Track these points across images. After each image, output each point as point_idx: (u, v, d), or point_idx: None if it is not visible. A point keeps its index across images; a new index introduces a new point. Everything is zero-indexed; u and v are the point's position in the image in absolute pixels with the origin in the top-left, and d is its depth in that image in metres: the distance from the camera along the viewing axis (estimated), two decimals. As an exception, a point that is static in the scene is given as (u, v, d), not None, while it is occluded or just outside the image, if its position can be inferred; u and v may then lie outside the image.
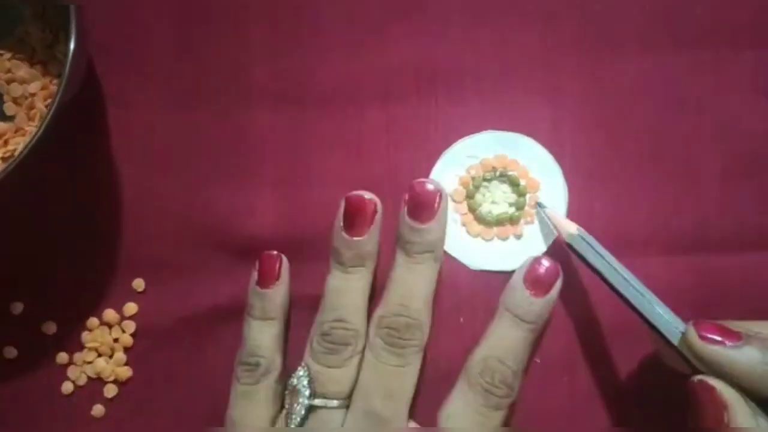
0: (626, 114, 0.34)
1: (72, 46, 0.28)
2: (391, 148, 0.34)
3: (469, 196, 0.33)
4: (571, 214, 0.33)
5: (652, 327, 0.29)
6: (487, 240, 0.33)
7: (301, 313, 0.33)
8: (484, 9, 0.34)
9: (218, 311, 0.34)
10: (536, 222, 0.33)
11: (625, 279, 0.29)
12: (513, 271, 0.32)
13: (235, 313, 0.33)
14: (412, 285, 0.29)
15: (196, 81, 0.35)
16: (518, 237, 0.33)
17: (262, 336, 0.31)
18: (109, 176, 0.35)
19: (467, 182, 0.33)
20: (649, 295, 0.29)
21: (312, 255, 0.33)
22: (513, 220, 0.33)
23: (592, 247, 0.30)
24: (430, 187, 0.29)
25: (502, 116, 0.34)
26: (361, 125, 0.34)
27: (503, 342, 0.29)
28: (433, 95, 0.34)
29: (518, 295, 0.29)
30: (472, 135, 0.33)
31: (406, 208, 0.30)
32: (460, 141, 0.33)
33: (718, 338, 0.27)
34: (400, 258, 0.30)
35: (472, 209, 0.33)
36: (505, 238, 0.33)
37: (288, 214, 0.34)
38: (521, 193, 0.33)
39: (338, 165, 0.34)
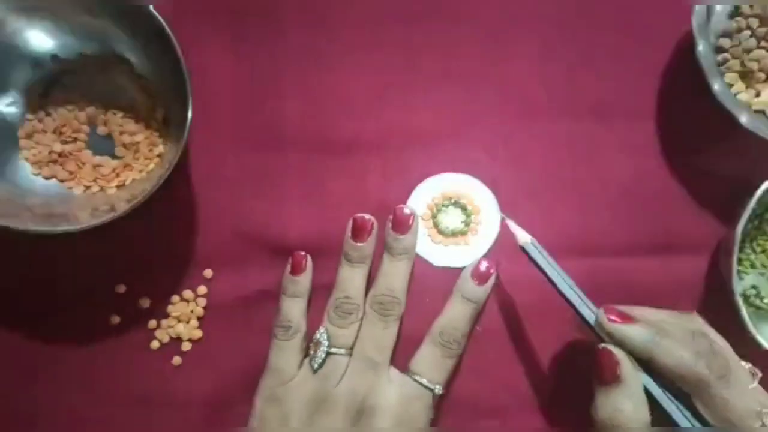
0: (542, 163, 0.42)
1: (189, 114, 0.35)
2: (384, 183, 0.42)
3: (434, 216, 0.44)
4: (502, 228, 0.42)
5: (578, 313, 0.34)
6: (446, 246, 0.44)
7: (319, 294, 0.41)
8: (443, 81, 0.42)
9: (262, 293, 0.42)
10: (478, 234, 0.44)
11: (561, 277, 0.34)
12: (463, 268, 0.43)
13: (274, 294, 0.41)
14: (394, 275, 0.39)
15: (251, 129, 0.41)
16: (467, 244, 0.44)
17: (293, 308, 0.40)
18: (188, 197, 0.41)
19: (432, 207, 0.44)
20: (577, 289, 0.34)
21: (327, 254, 0.41)
22: (463, 233, 0.44)
23: (540, 252, 0.35)
24: (406, 210, 0.40)
25: (458, 163, 0.42)
26: (365, 166, 0.42)
27: (456, 315, 0.39)
28: (415, 147, 0.42)
29: (467, 284, 0.40)
30: (436, 175, 0.43)
31: (390, 224, 0.40)
32: (428, 179, 0.44)
33: (618, 319, 0.32)
34: (386, 257, 0.40)
35: (435, 225, 0.44)
36: (457, 245, 0.44)
37: (310, 226, 0.41)
38: (468, 215, 0.44)
39: (347, 193, 0.41)
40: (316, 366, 0.37)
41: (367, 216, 0.39)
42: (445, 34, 0.43)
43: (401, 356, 0.39)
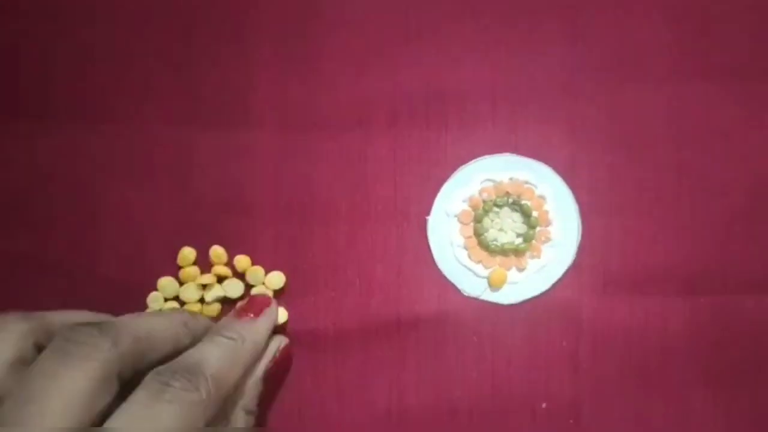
0: (649, 146, 0.31)
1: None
2: (397, 174, 0.31)
3: (477, 220, 0.30)
4: (584, 250, 0.30)
5: None
6: (488, 268, 0.30)
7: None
8: (500, 30, 0.31)
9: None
10: (542, 258, 0.30)
11: None
12: (508, 306, 0.30)
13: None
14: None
15: (195, 99, 0.32)
16: (522, 268, 0.30)
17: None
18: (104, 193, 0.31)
19: (477, 204, 0.30)
20: None
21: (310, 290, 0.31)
22: (518, 252, 0.30)
23: None
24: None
25: (517, 143, 0.31)
26: (367, 149, 0.31)
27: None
28: (443, 119, 0.31)
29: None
30: (490, 155, 0.31)
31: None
32: (476, 160, 0.31)
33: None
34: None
35: (477, 234, 0.30)
36: (507, 268, 0.30)
37: (288, 248, 0.31)
38: (532, 225, 0.30)
39: (341, 192, 0.31)
40: None
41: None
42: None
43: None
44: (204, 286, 0.30)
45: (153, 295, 0.30)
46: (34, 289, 0.31)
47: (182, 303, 0.31)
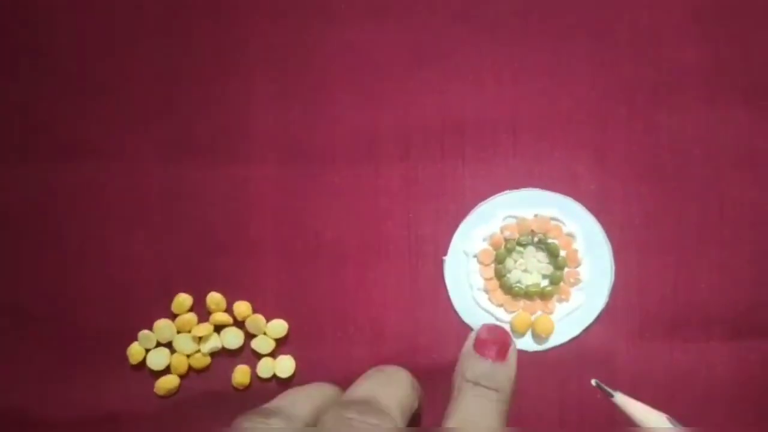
0: (685, 174, 0.29)
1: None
2: (410, 210, 0.30)
3: (499, 260, 0.28)
4: (618, 292, 0.29)
5: None
6: (511, 312, 0.28)
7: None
8: (521, 52, 0.30)
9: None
10: (571, 302, 0.28)
11: None
12: (533, 353, 0.29)
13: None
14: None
15: (188, 132, 0.30)
16: (548, 312, 0.28)
17: None
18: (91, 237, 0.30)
19: (499, 243, 0.28)
20: None
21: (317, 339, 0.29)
22: (545, 295, 0.28)
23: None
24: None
25: (542, 175, 0.29)
26: (377, 184, 0.30)
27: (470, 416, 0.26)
28: (460, 150, 0.30)
29: (470, 361, 0.26)
30: (512, 190, 0.29)
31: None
32: (497, 195, 0.28)
33: None
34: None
35: (499, 275, 0.28)
36: (532, 313, 0.28)
37: (291, 293, 0.30)
38: (559, 266, 0.28)
39: (350, 230, 0.30)
40: None
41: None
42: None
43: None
44: (200, 338, 0.28)
45: (144, 333, 0.29)
46: (11, 339, 0.29)
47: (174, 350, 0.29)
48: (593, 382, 0.28)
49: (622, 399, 0.26)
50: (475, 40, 0.30)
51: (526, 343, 0.28)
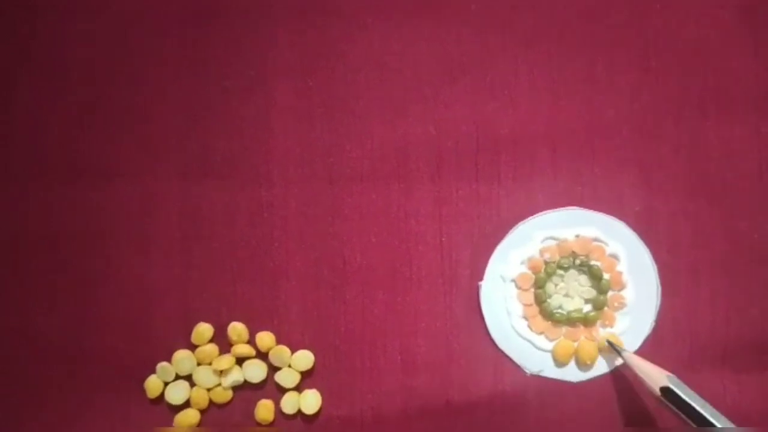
0: (737, 191, 0.29)
1: None
2: (443, 233, 0.29)
3: (539, 285, 0.27)
4: (665, 317, 0.28)
5: None
6: (552, 340, 0.27)
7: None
8: (559, 62, 0.29)
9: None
10: (616, 327, 0.27)
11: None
12: (576, 384, 0.28)
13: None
14: None
15: (208, 151, 0.29)
16: (592, 339, 0.27)
17: None
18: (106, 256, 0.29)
19: (539, 267, 0.27)
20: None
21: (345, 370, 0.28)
22: (588, 321, 0.27)
23: (685, 392, 0.26)
24: None
25: (583, 194, 0.29)
26: (407, 205, 0.29)
27: None
28: (495, 169, 0.29)
29: None
30: (551, 210, 0.28)
31: None
32: (535, 215, 0.27)
33: None
34: None
35: (539, 300, 0.27)
36: (575, 340, 0.27)
37: (317, 322, 0.29)
38: (602, 290, 0.27)
39: (378, 255, 0.29)
40: None
41: None
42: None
43: None
44: (221, 371, 0.27)
45: (162, 366, 0.28)
46: (25, 369, 0.29)
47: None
48: (606, 341, 0.28)
49: (629, 356, 0.27)
50: (510, 52, 0.29)
51: (570, 373, 0.27)
